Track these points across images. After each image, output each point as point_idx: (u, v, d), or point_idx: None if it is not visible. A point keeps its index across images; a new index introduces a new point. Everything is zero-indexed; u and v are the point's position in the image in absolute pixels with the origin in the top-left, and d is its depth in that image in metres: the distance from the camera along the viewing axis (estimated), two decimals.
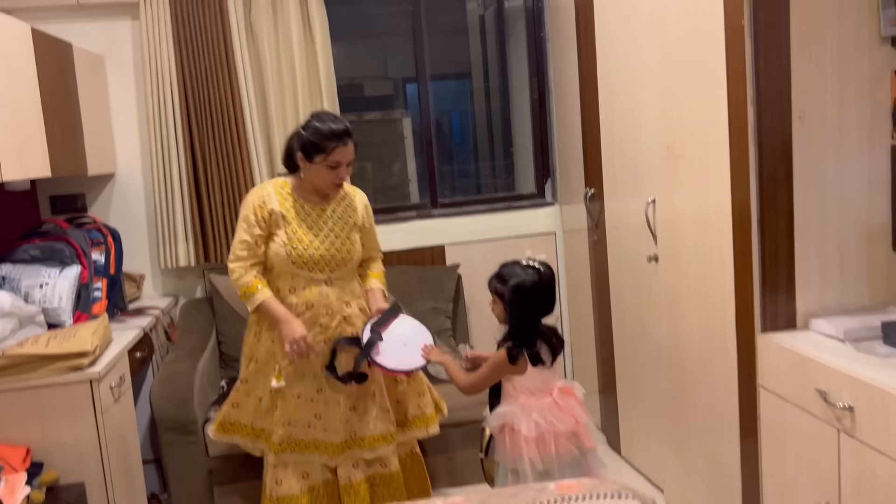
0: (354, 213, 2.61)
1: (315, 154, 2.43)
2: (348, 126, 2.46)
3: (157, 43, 3.47)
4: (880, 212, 2.20)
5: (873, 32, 2.12)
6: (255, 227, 2.50)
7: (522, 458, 2.30)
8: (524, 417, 2.30)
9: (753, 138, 2.13)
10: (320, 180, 2.48)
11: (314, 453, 2.63)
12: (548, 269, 2.32)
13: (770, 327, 2.21)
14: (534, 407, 2.29)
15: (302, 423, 2.60)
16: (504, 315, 2.34)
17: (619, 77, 3.00)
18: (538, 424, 2.29)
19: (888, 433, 1.73)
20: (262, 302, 2.49)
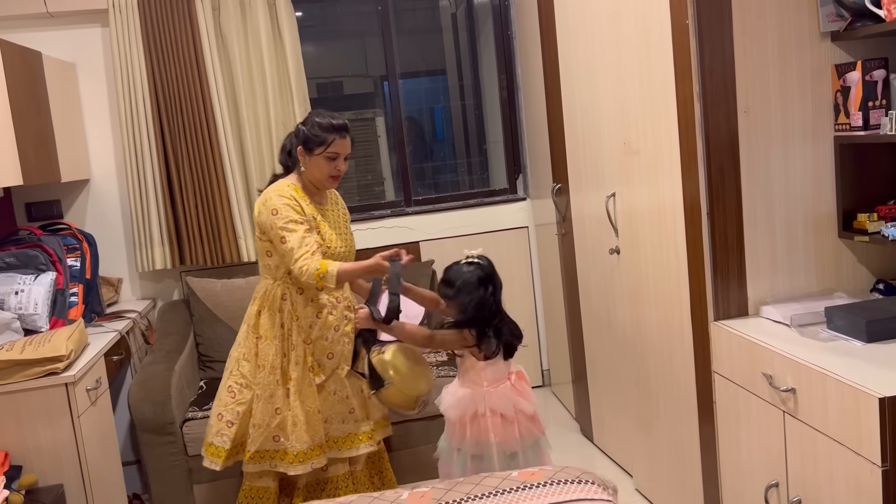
0: (346, 212, 2.75)
1: (316, 146, 2.50)
2: (346, 121, 2.55)
3: (127, 49, 3.51)
4: (826, 201, 2.28)
5: (813, 28, 2.19)
6: (305, 224, 2.48)
7: (490, 443, 2.37)
8: (500, 400, 2.38)
9: (701, 133, 2.20)
10: (319, 172, 2.53)
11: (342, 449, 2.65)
12: (486, 261, 2.42)
13: (723, 315, 2.29)
14: (496, 393, 2.38)
15: (337, 420, 2.65)
16: (459, 315, 2.40)
17: (579, 75, 3.07)
18: (509, 408, 2.38)
19: (826, 413, 1.81)
20: (338, 270, 2.40)
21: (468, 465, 2.38)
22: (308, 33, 4.20)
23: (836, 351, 1.93)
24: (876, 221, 2.18)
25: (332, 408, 2.63)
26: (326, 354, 2.60)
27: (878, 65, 2.11)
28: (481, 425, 2.39)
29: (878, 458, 1.66)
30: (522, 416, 2.39)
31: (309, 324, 2.57)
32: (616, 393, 3.12)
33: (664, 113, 2.39)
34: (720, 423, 2.33)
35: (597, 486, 2.06)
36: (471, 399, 2.38)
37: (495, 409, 2.38)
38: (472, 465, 2.38)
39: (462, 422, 2.40)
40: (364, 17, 4.30)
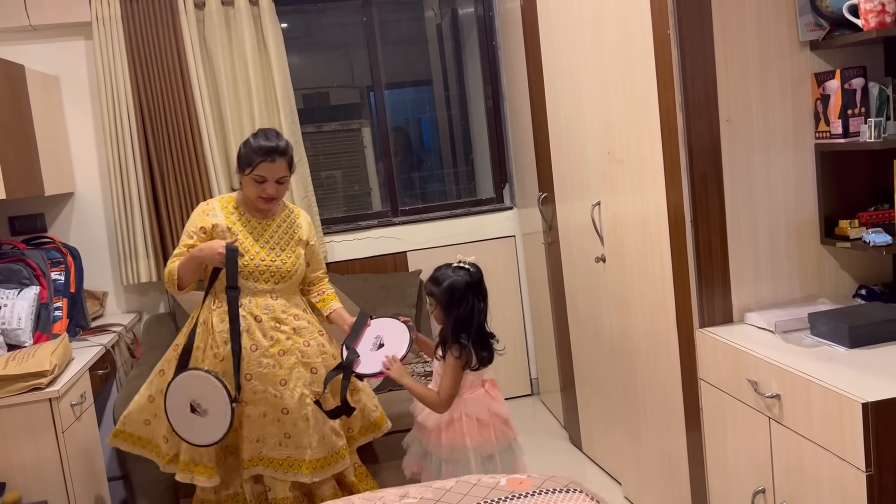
0: (299, 228, 2.64)
1: (245, 167, 2.50)
2: (280, 145, 2.49)
3: (111, 61, 3.50)
4: (807, 208, 2.30)
5: (792, 38, 2.22)
6: (190, 238, 2.53)
7: (466, 447, 2.40)
8: (475, 405, 2.42)
9: (684, 142, 2.22)
10: (249, 192, 2.53)
11: (277, 471, 2.58)
12: (476, 269, 2.45)
13: (708, 322, 2.30)
14: (472, 399, 2.42)
15: (272, 441, 2.56)
16: (441, 316, 2.44)
17: (563, 85, 3.09)
18: (484, 412, 2.43)
19: (811, 419, 1.82)
20: (177, 265, 2.47)
21: (443, 470, 2.40)
22: (294, 44, 4.21)
23: (819, 357, 1.95)
24: (857, 228, 2.20)
25: (262, 429, 2.53)
26: (244, 375, 2.48)
27: (857, 73, 2.14)
28: (457, 430, 2.42)
29: (863, 463, 1.67)
30: (497, 420, 2.44)
31: (223, 339, 2.48)
32: (604, 401, 3.13)
33: (647, 122, 2.41)
34: (707, 430, 2.34)
35: (584, 495, 2.06)
36: (452, 407, 2.41)
37: (471, 413, 2.42)
38: (446, 469, 2.40)
39: (438, 427, 2.43)
40: (349, 27, 4.32)
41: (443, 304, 2.41)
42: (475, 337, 2.40)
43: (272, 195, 2.50)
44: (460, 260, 2.46)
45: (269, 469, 2.57)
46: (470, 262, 2.46)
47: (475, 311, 2.40)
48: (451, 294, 2.39)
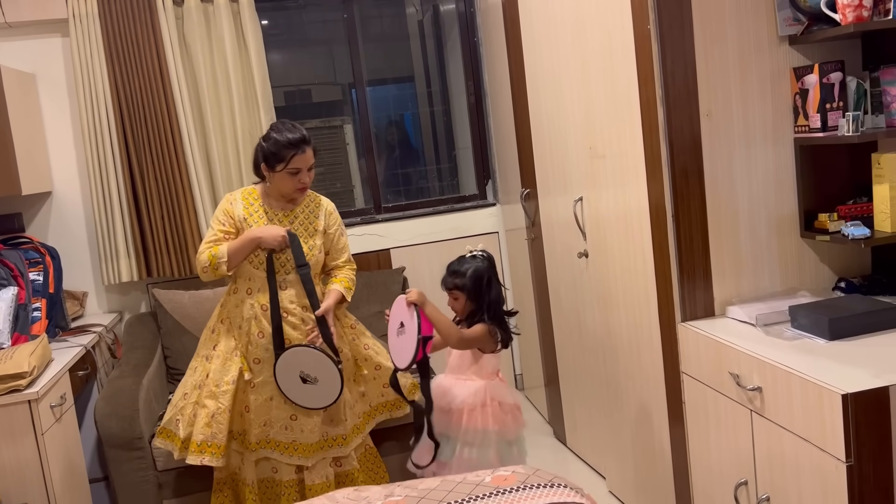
0: (316, 219, 2.67)
1: (276, 163, 2.55)
2: (304, 134, 2.56)
3: (88, 59, 3.46)
4: (787, 202, 2.32)
5: (771, 32, 2.23)
6: (223, 224, 2.61)
7: (489, 430, 2.44)
8: (501, 389, 2.49)
9: (664, 137, 2.23)
10: (285, 187, 2.60)
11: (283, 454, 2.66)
12: (489, 255, 2.53)
13: (690, 316, 2.31)
14: (497, 384, 2.48)
15: (278, 425, 2.64)
16: (465, 308, 2.47)
17: (545, 80, 3.09)
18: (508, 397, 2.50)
19: (791, 410, 1.84)
20: (226, 250, 2.55)
21: (459, 453, 2.43)
22: (275, 42, 4.18)
23: (800, 349, 1.96)
24: (836, 221, 2.22)
25: (269, 412, 2.63)
26: (252, 359, 2.61)
27: (835, 67, 2.16)
28: (483, 413, 2.45)
29: (843, 453, 1.69)
30: (514, 407, 2.50)
31: (238, 325, 2.63)
32: (588, 396, 3.14)
33: (628, 117, 2.41)
34: (689, 423, 2.35)
35: (569, 490, 2.07)
36: (484, 390, 2.45)
37: (498, 397, 2.47)
38: (463, 452, 2.43)
39: (461, 411, 2.45)
40: (330, 24, 4.30)
41: (472, 293, 2.45)
42: (498, 321, 2.46)
43: (307, 184, 2.60)
44: (471, 250, 2.52)
45: (276, 452, 2.66)
46: (480, 249, 2.53)
47: (499, 297, 2.49)
48: (478, 281, 2.44)
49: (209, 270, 2.57)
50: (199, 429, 2.62)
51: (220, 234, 2.60)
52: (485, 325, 2.44)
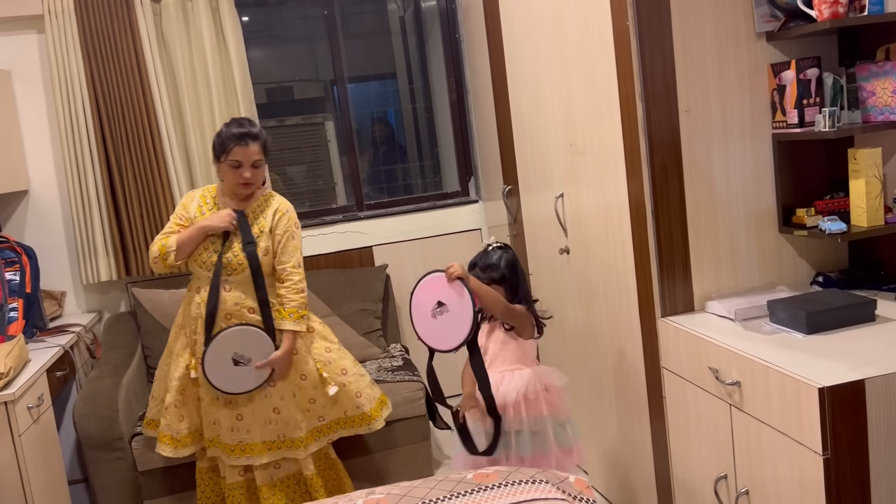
0: (264, 219, 2.63)
1: (220, 154, 2.59)
2: (252, 130, 2.58)
3: (65, 55, 3.42)
4: (766, 197, 2.34)
5: (749, 29, 2.24)
6: (179, 219, 2.67)
7: (545, 417, 2.42)
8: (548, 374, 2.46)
9: (644, 133, 2.24)
10: (228, 179, 2.62)
11: (229, 456, 2.69)
12: (506, 244, 2.50)
13: (670, 312, 2.32)
14: (543, 368, 2.47)
15: (225, 426, 2.66)
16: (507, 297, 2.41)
17: (525, 77, 3.09)
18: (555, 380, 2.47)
19: (769, 404, 1.85)
20: (175, 240, 2.59)
21: (528, 442, 2.40)
22: (256, 38, 4.15)
23: (778, 343, 1.98)
24: (814, 216, 2.24)
25: (217, 411, 2.66)
26: (197, 357, 2.64)
27: (811, 63, 2.17)
28: (538, 401, 2.42)
29: (820, 446, 1.70)
30: (561, 389, 2.47)
31: (187, 323, 2.69)
32: (570, 391, 3.12)
33: (608, 114, 2.42)
34: (670, 418, 2.36)
35: (550, 486, 2.07)
36: (531, 378, 2.41)
37: (549, 381, 2.44)
38: (532, 441, 2.40)
39: (517, 402, 2.38)
40: (311, 21, 4.27)
41: (511, 281, 2.40)
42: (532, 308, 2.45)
43: (248, 179, 2.57)
44: (489, 244, 2.48)
45: (224, 454, 2.68)
46: (496, 241, 2.50)
47: (528, 283, 2.50)
48: (514, 268, 2.41)
49: (159, 261, 2.61)
50: (161, 420, 2.74)
51: (174, 227, 2.65)
52: (524, 307, 2.42)
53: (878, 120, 2.13)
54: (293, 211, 2.68)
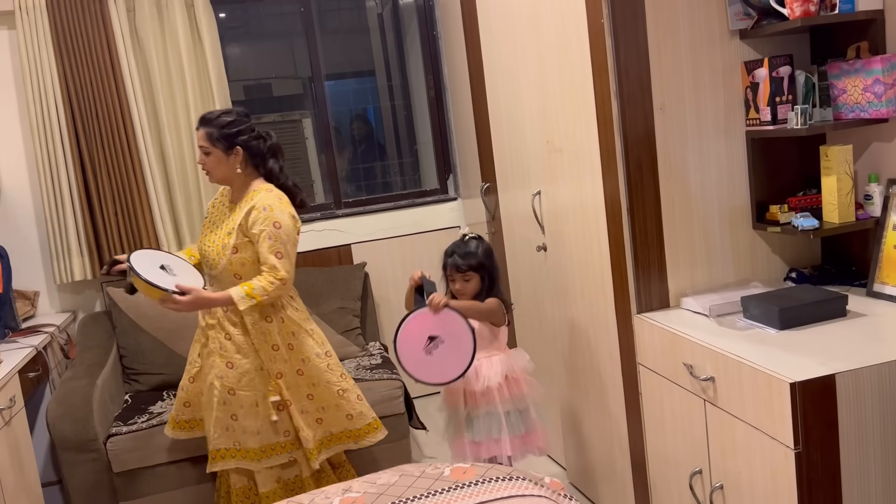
0: (241, 216, 2.54)
1: None
2: (204, 116, 2.57)
3: (36, 52, 3.37)
4: (739, 194, 2.35)
5: (723, 27, 2.26)
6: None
7: (525, 395, 2.59)
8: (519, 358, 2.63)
9: (619, 130, 2.24)
10: None
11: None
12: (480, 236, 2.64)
13: (645, 308, 2.33)
14: (514, 353, 2.62)
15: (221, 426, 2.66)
16: (479, 287, 2.54)
17: (502, 74, 3.09)
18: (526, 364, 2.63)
19: (743, 400, 1.87)
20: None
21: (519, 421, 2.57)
22: (233, 35, 4.12)
23: (751, 339, 1.99)
24: (787, 213, 2.26)
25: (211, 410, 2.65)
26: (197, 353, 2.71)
27: (784, 61, 2.19)
28: (517, 382, 2.59)
29: (791, 441, 1.72)
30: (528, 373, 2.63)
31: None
32: (547, 387, 3.14)
33: (584, 111, 2.42)
34: (646, 414, 2.38)
35: (528, 482, 2.07)
36: (505, 362, 2.56)
37: (517, 367, 2.60)
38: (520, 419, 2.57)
39: (500, 386, 2.54)
40: (288, 17, 4.24)
41: (489, 269, 2.54)
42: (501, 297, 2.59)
43: (199, 162, 2.58)
44: (465, 234, 2.60)
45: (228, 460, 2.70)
46: (472, 233, 2.62)
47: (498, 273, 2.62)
48: (491, 257, 2.56)
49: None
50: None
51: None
52: (495, 299, 2.54)
53: (849, 117, 2.15)
54: (276, 209, 2.48)
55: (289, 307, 2.61)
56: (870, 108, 2.08)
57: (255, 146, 2.57)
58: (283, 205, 2.53)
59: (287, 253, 2.50)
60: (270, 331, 2.56)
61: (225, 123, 2.52)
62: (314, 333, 2.68)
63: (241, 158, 2.55)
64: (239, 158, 2.55)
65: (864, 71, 2.08)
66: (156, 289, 2.39)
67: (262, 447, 2.63)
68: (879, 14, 2.08)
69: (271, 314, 2.57)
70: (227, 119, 2.53)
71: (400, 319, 2.48)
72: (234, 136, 2.53)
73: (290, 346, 2.60)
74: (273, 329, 2.56)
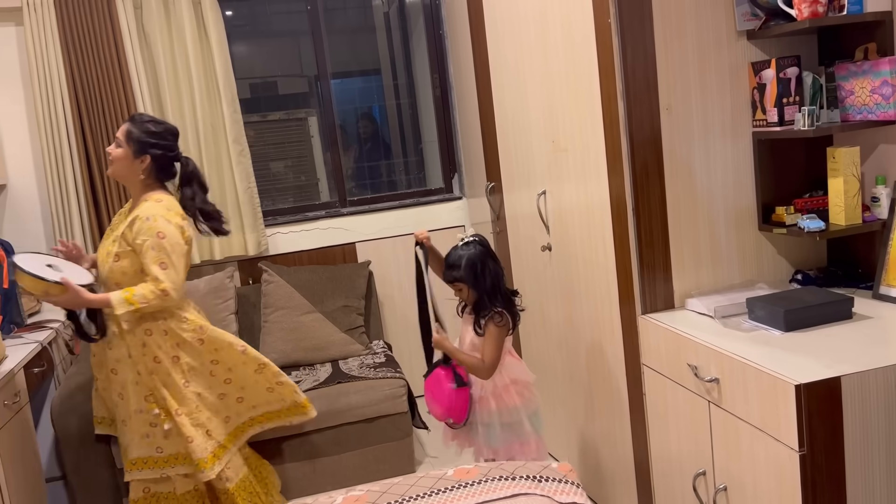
0: (124, 224, 2.56)
1: None
2: (135, 115, 2.64)
3: (43, 48, 3.38)
4: (746, 195, 2.35)
5: (730, 27, 2.25)
6: None
7: (518, 407, 2.50)
8: (517, 367, 2.54)
9: (625, 130, 2.24)
10: None
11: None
12: (481, 238, 2.51)
13: (650, 309, 2.33)
14: (513, 363, 2.52)
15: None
16: (472, 295, 2.46)
17: (508, 73, 3.09)
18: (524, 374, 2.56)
19: (747, 401, 1.86)
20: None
21: (499, 434, 2.49)
22: (239, 33, 4.12)
23: (756, 340, 1.99)
24: (793, 214, 2.26)
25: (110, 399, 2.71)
26: None
27: (791, 62, 2.18)
28: (508, 394, 2.50)
29: (796, 443, 1.71)
30: (528, 383, 2.55)
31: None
32: (551, 388, 3.15)
33: (590, 111, 2.42)
34: (650, 415, 2.37)
35: (531, 481, 2.07)
36: (503, 371, 2.48)
37: (515, 376, 2.51)
38: (503, 433, 2.49)
39: (485, 397, 2.49)
40: (295, 16, 4.24)
41: (471, 282, 2.43)
42: (504, 300, 2.46)
43: (108, 150, 2.60)
44: (462, 238, 2.51)
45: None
46: (471, 234, 2.52)
47: (499, 277, 2.46)
48: (473, 269, 2.42)
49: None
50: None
51: None
52: (493, 325, 2.43)
53: (857, 119, 2.14)
54: (160, 219, 2.47)
55: (173, 319, 2.56)
56: (877, 109, 2.08)
57: (166, 164, 2.61)
58: (171, 215, 2.52)
59: (172, 263, 2.47)
60: (149, 344, 2.54)
61: (147, 131, 2.56)
62: (205, 345, 2.64)
63: (147, 168, 2.56)
64: (144, 167, 2.56)
65: (872, 72, 2.07)
66: (39, 281, 2.38)
67: (133, 459, 2.62)
68: (888, 15, 2.07)
69: (152, 327, 2.54)
70: (152, 129, 2.57)
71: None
72: (149, 145, 2.55)
73: (175, 358, 2.57)
74: (153, 343, 2.55)
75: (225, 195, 3.69)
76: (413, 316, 3.86)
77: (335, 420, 3.15)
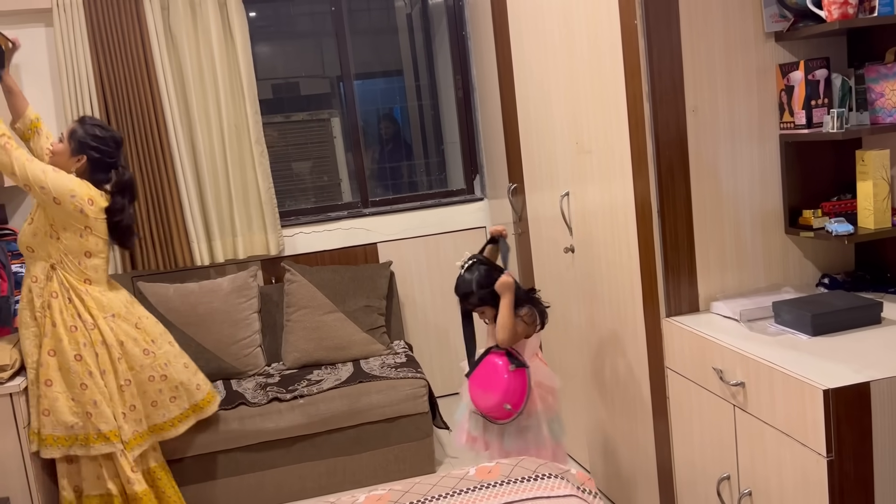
0: None
1: None
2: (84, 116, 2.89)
3: (72, 49, 3.43)
4: (772, 198, 2.33)
5: (758, 29, 2.24)
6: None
7: (538, 412, 2.49)
8: (542, 371, 2.52)
9: (651, 132, 2.23)
10: None
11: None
12: (477, 256, 2.52)
13: (674, 312, 2.32)
14: (538, 366, 2.50)
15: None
16: (494, 313, 2.44)
17: (532, 75, 3.09)
18: (549, 378, 2.54)
19: (774, 406, 1.85)
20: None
21: (514, 437, 2.47)
22: (263, 34, 4.16)
23: (783, 345, 1.97)
24: (820, 217, 2.23)
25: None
26: None
27: (820, 64, 2.16)
28: (532, 397, 2.47)
29: (824, 448, 1.70)
30: (552, 388, 2.53)
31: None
32: (574, 391, 3.14)
33: (615, 113, 2.41)
34: (673, 418, 2.36)
35: (556, 480, 2.06)
36: (538, 371, 2.48)
37: (541, 379, 2.49)
38: (518, 436, 2.47)
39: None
40: (318, 17, 4.27)
41: (491, 302, 2.43)
42: (529, 301, 2.46)
43: (51, 143, 2.81)
44: (461, 264, 2.50)
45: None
46: (468, 257, 2.51)
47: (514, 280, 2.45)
48: (488, 289, 2.42)
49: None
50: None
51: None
52: (522, 324, 2.44)
53: (887, 122, 2.12)
54: (79, 196, 2.66)
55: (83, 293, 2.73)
56: None
57: (101, 168, 2.76)
58: (80, 183, 2.69)
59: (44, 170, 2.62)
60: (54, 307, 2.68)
61: (90, 134, 2.73)
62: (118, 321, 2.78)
63: (82, 167, 2.73)
64: (79, 166, 2.73)
65: None
66: None
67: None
68: None
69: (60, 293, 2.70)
70: (96, 133, 2.75)
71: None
72: (89, 147, 2.73)
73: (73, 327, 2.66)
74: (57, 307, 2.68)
75: (248, 195, 3.72)
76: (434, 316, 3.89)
77: (356, 419, 3.17)
